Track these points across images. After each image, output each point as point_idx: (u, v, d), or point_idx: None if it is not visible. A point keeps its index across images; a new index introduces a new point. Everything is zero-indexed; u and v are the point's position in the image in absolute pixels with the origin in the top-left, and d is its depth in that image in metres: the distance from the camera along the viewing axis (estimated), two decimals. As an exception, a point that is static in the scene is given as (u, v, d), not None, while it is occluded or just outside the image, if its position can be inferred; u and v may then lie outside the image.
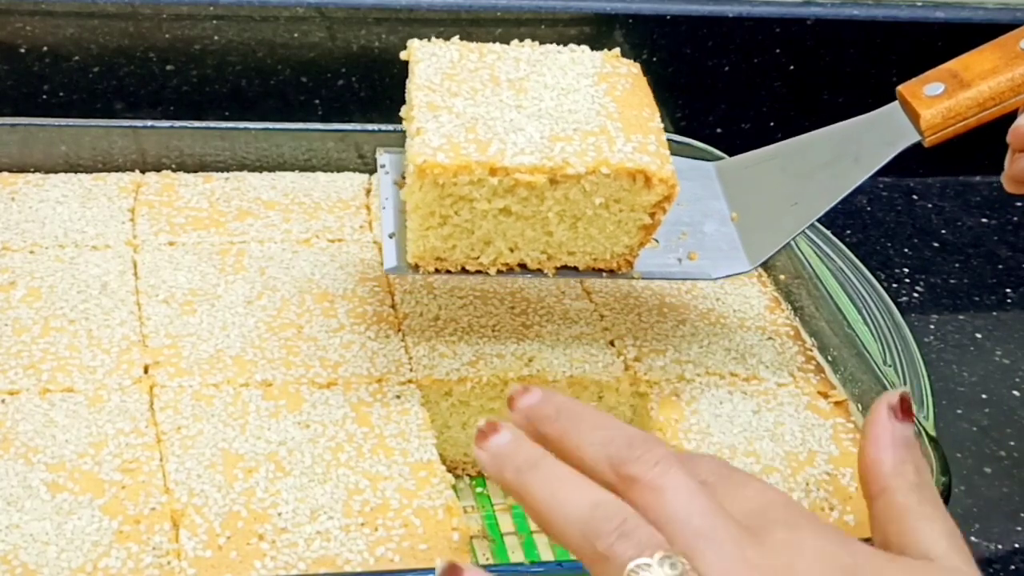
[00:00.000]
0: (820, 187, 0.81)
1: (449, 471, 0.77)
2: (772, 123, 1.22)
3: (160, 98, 1.11)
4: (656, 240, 0.80)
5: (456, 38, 0.83)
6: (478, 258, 0.77)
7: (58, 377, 0.79)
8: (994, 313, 1.13)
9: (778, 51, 1.20)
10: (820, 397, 0.85)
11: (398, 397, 0.80)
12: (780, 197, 0.82)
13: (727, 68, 1.18)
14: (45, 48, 1.07)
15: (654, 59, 1.16)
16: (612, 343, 0.87)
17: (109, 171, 0.98)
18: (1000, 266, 1.19)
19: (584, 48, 0.83)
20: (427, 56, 0.81)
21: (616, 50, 0.84)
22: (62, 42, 1.07)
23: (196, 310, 0.85)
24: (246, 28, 1.10)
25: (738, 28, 1.18)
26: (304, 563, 0.69)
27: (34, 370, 0.79)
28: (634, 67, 0.83)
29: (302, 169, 1.01)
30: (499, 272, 0.78)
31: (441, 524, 0.72)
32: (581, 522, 0.55)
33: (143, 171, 0.99)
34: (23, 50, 1.07)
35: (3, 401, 0.76)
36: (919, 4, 1.22)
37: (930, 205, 1.28)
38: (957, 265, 1.19)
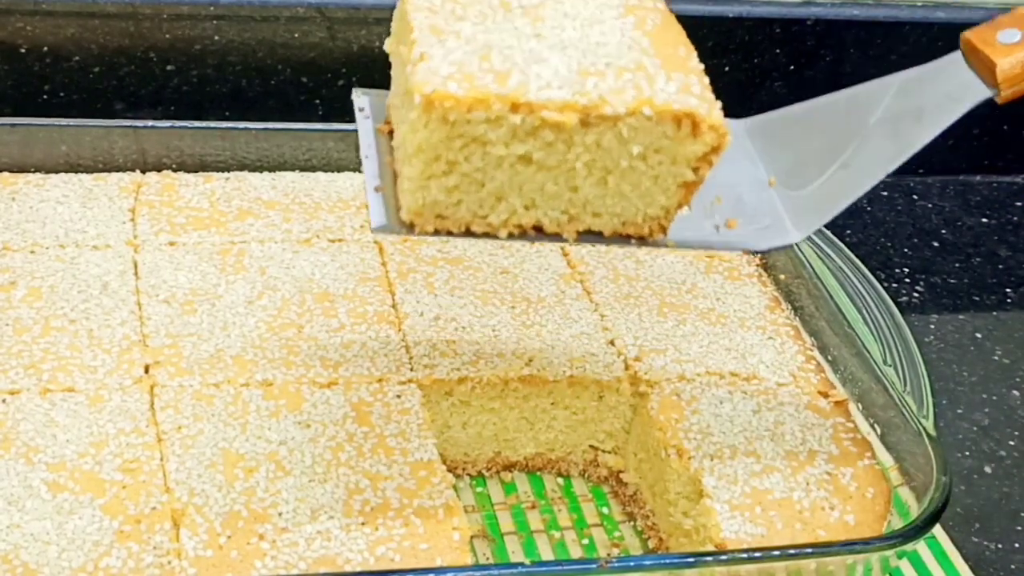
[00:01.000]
0: (876, 148, 0.71)
1: (449, 471, 0.77)
2: (772, 123, 1.22)
3: (160, 98, 1.11)
4: (689, 205, 0.69)
5: None
6: (487, 217, 0.66)
7: (59, 377, 0.79)
8: (994, 313, 1.13)
9: (778, 51, 1.20)
10: (820, 397, 0.85)
11: (398, 397, 0.80)
12: (826, 159, 0.72)
13: (727, 68, 1.18)
14: (46, 48, 1.07)
15: (654, 59, 1.16)
16: (612, 342, 0.87)
17: (110, 171, 0.98)
18: (1000, 266, 1.19)
19: None
20: None
21: None
22: (63, 42, 1.07)
23: (197, 310, 0.85)
24: (246, 28, 1.10)
25: (738, 28, 1.18)
26: (305, 563, 0.69)
27: (35, 370, 0.79)
28: (659, 2, 0.73)
29: (302, 169, 1.01)
30: (510, 236, 0.67)
31: (441, 524, 0.72)
32: None
33: (144, 171, 0.99)
34: (24, 50, 1.07)
35: (4, 401, 0.76)
36: (919, 4, 1.22)
37: (930, 205, 1.28)
38: (957, 265, 1.19)
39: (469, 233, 0.67)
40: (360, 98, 0.73)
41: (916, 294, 1.14)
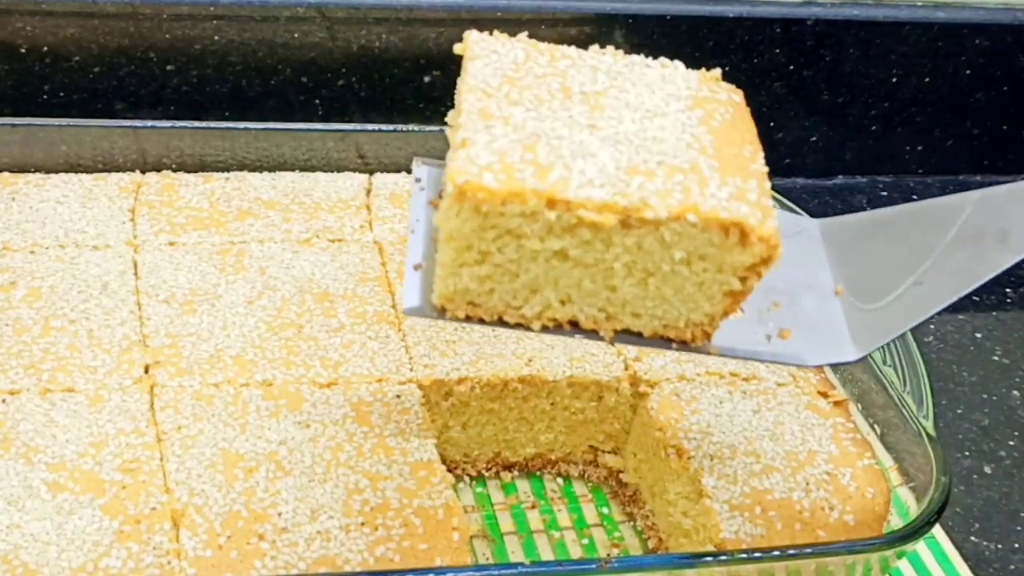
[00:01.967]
0: (953, 267, 0.66)
1: (449, 471, 0.77)
2: (772, 123, 1.22)
3: (160, 98, 1.11)
4: (741, 308, 0.65)
5: (524, 34, 0.69)
6: (520, 308, 0.64)
7: (59, 377, 0.79)
8: (994, 313, 1.13)
9: (778, 51, 1.20)
10: (820, 397, 0.85)
11: (398, 397, 0.80)
12: (899, 272, 0.68)
13: (727, 68, 1.18)
14: (46, 48, 1.07)
15: (654, 59, 1.16)
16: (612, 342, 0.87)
17: (110, 171, 0.98)
18: (1000, 266, 1.19)
19: (677, 64, 0.70)
20: (486, 52, 0.67)
21: (716, 71, 0.70)
22: (63, 42, 1.07)
23: (196, 310, 0.85)
24: (246, 28, 1.10)
25: (738, 28, 1.18)
26: (304, 563, 0.69)
27: (35, 370, 0.79)
28: (736, 93, 0.69)
29: (302, 169, 1.01)
30: (544, 328, 0.65)
31: (441, 524, 0.72)
32: None
33: (143, 171, 0.99)
34: (24, 50, 1.07)
35: (4, 401, 0.76)
36: (919, 4, 1.22)
37: (930, 205, 1.28)
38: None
39: (502, 323, 0.64)
40: (419, 168, 0.70)
41: (916, 294, 1.14)
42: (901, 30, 1.21)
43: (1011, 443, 0.98)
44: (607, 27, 1.16)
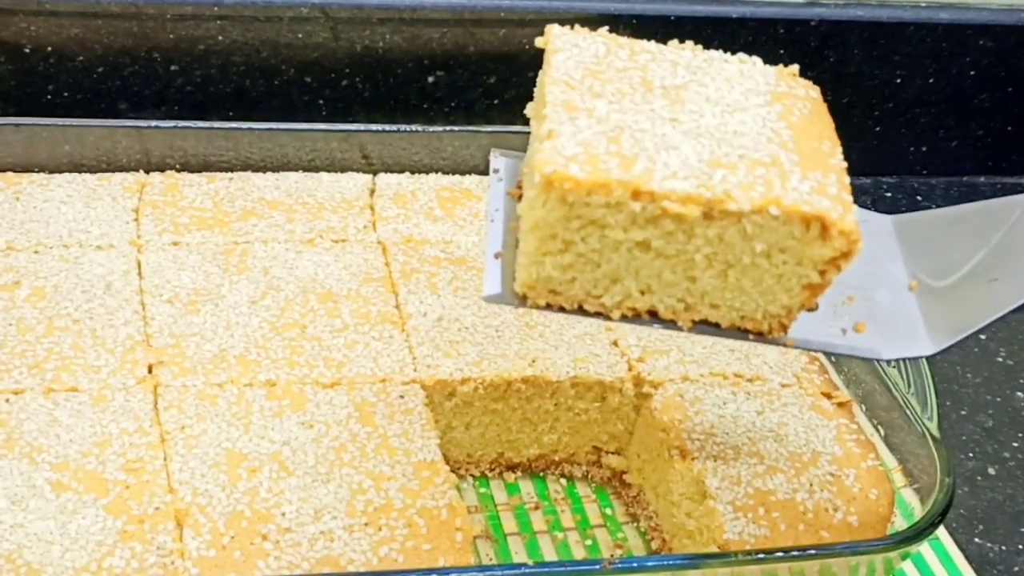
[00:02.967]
0: None
1: (452, 471, 0.77)
2: (776, 124, 1.21)
3: (164, 98, 1.11)
4: (816, 302, 0.66)
5: (604, 29, 0.70)
6: (600, 297, 0.65)
7: (62, 377, 0.79)
8: (998, 314, 1.13)
9: (782, 52, 1.19)
10: (824, 398, 0.85)
11: (402, 397, 0.80)
12: (975, 268, 0.69)
13: (731, 69, 1.18)
14: (49, 48, 1.07)
15: (658, 60, 1.16)
16: (615, 343, 0.87)
17: (113, 171, 0.98)
18: (1004, 267, 1.19)
19: (756, 60, 0.71)
20: (568, 46, 0.68)
21: (794, 67, 0.71)
22: (66, 42, 1.07)
23: (200, 310, 0.85)
24: (250, 28, 1.10)
25: (742, 29, 1.18)
26: (308, 563, 0.69)
27: (38, 369, 0.79)
28: (813, 90, 0.71)
29: (306, 169, 1.01)
30: (623, 317, 0.65)
31: (445, 524, 0.72)
32: None
33: (147, 171, 0.99)
34: (27, 50, 1.07)
35: (8, 401, 0.76)
36: (923, 5, 1.22)
37: (934, 206, 1.28)
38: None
39: (582, 311, 0.65)
40: (496, 159, 0.72)
41: (920, 295, 1.14)
42: (905, 31, 1.21)
43: (1015, 444, 0.98)
44: (611, 28, 1.16)
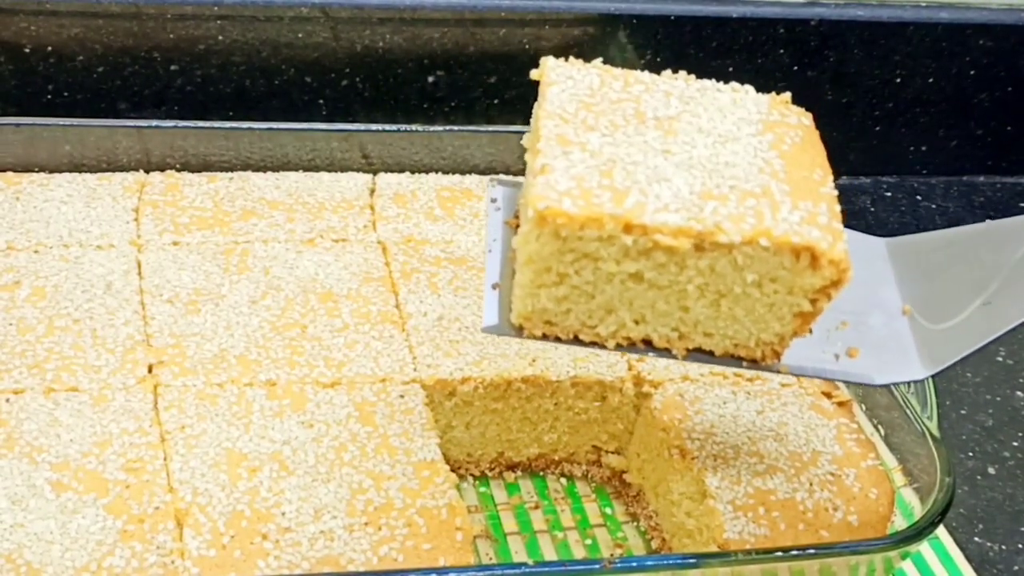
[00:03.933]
0: (1022, 288, 0.68)
1: (452, 471, 0.77)
2: (776, 124, 1.22)
3: (164, 98, 1.11)
4: (810, 328, 0.67)
5: (598, 60, 0.71)
6: (595, 327, 0.66)
7: (62, 376, 0.79)
8: (998, 314, 1.13)
9: (782, 51, 1.20)
10: (824, 397, 0.85)
11: (402, 397, 0.80)
12: (967, 292, 0.69)
13: (731, 69, 1.18)
14: (49, 48, 1.08)
15: (658, 60, 1.16)
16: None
17: (113, 171, 0.98)
18: (1004, 267, 1.19)
19: (748, 88, 0.71)
20: (562, 78, 0.68)
21: (786, 95, 0.72)
22: (66, 42, 1.08)
23: (200, 310, 0.85)
24: (250, 28, 1.10)
25: (742, 29, 1.18)
26: (308, 563, 0.69)
27: (38, 369, 0.79)
28: (805, 117, 0.71)
29: (306, 169, 1.01)
30: (618, 347, 0.67)
31: (445, 524, 0.72)
32: None
33: (147, 171, 0.99)
34: (28, 50, 1.07)
35: (8, 400, 0.76)
36: (923, 5, 1.22)
37: (934, 206, 1.28)
38: (961, 266, 1.19)
39: (577, 341, 0.66)
40: (494, 188, 0.72)
41: (920, 295, 1.14)
42: (905, 31, 1.21)
43: (1015, 444, 0.98)
44: (611, 27, 1.16)
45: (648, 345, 0.67)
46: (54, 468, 0.72)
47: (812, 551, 0.72)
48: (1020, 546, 0.89)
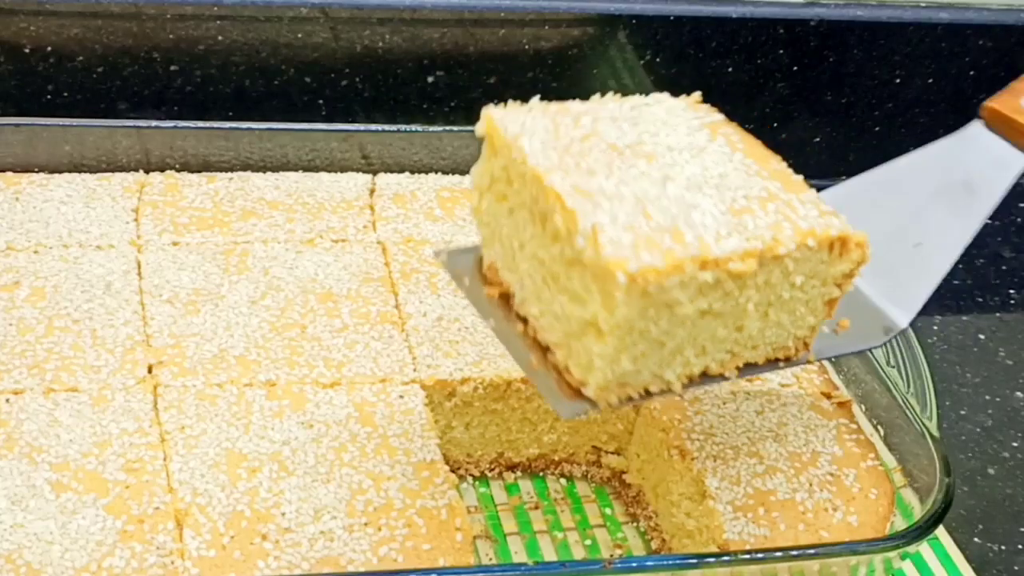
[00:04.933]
0: (940, 224, 0.72)
1: (452, 471, 0.77)
2: (775, 124, 1.22)
3: (164, 98, 1.11)
4: (832, 313, 0.69)
5: (536, 98, 0.68)
6: (663, 374, 0.65)
7: (62, 377, 0.79)
8: (997, 314, 1.13)
9: (781, 52, 1.20)
10: (823, 398, 0.85)
11: (401, 397, 0.80)
12: (895, 239, 0.72)
13: (730, 69, 1.18)
14: (49, 48, 1.08)
15: (657, 59, 1.16)
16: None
17: (113, 171, 0.98)
18: (1003, 267, 1.19)
19: (662, 96, 0.71)
20: (519, 127, 0.65)
21: (696, 94, 0.72)
22: (66, 42, 1.08)
23: (200, 310, 0.85)
24: (250, 28, 1.10)
25: (741, 29, 1.18)
26: (308, 563, 0.69)
27: (38, 370, 0.79)
28: (716, 112, 0.71)
29: (306, 169, 1.02)
30: (683, 386, 0.66)
31: (444, 524, 0.72)
32: None
33: (147, 171, 0.99)
34: (27, 50, 1.07)
35: (8, 401, 0.76)
36: (923, 5, 1.22)
37: (933, 206, 1.28)
38: (960, 266, 1.19)
39: (647, 395, 0.65)
40: (447, 261, 0.71)
41: (919, 295, 1.14)
42: (905, 31, 1.21)
43: (1015, 444, 0.98)
44: (611, 27, 1.16)
45: (704, 376, 0.67)
46: (54, 468, 0.72)
47: (812, 551, 0.72)
48: (1020, 546, 0.89)
